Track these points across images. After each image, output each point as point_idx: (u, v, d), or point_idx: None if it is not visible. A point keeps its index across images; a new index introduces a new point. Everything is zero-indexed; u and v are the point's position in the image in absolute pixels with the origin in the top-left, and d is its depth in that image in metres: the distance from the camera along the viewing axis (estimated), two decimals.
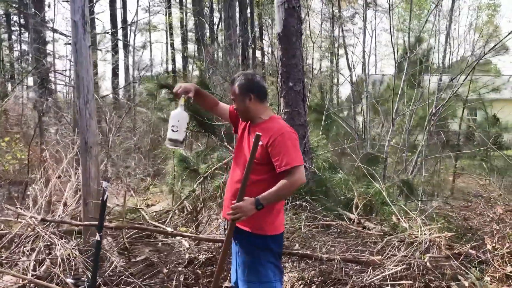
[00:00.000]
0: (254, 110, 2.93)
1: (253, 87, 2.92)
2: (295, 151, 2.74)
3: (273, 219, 2.86)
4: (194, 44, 25.08)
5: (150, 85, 7.00)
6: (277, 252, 2.95)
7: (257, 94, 2.92)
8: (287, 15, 5.10)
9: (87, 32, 4.76)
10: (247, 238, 2.87)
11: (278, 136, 2.74)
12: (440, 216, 5.27)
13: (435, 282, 4.17)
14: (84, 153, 4.75)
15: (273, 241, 2.88)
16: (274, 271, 2.90)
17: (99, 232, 3.63)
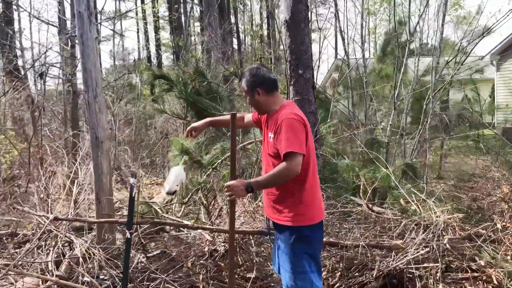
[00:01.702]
0: (265, 103, 2.98)
1: (259, 81, 2.96)
2: (293, 137, 2.70)
3: (304, 210, 2.88)
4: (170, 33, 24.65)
5: (145, 76, 6.84)
6: (314, 243, 2.96)
7: (265, 87, 2.95)
8: (295, 2, 5.04)
9: (93, 24, 4.61)
10: (281, 229, 2.94)
11: (280, 123, 2.77)
12: (448, 198, 5.37)
13: (455, 263, 4.27)
14: (95, 148, 4.63)
15: (309, 231, 2.89)
16: (309, 262, 2.92)
17: (128, 230, 3.57)
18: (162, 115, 9.79)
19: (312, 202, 2.91)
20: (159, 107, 7.29)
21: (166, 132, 8.92)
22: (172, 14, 18.14)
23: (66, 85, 7.76)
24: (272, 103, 2.96)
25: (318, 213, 2.96)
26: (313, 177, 2.93)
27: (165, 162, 9.18)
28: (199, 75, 6.84)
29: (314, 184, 2.93)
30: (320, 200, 3.02)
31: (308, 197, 2.89)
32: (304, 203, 2.88)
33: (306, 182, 2.86)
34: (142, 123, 11.60)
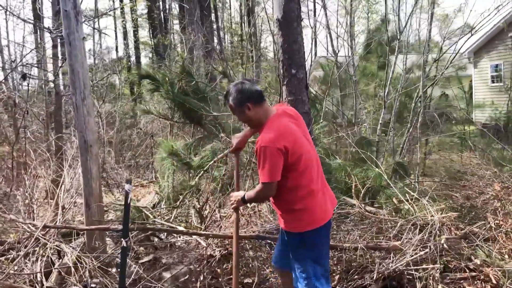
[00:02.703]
0: (256, 116, 2.92)
1: (247, 96, 2.89)
2: (264, 168, 2.75)
3: (300, 216, 2.92)
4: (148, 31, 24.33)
5: (130, 76, 6.67)
6: (316, 247, 2.97)
7: (253, 100, 2.89)
8: (287, 0, 4.95)
9: (80, 23, 4.44)
10: (286, 235, 3.04)
11: (256, 149, 2.81)
12: (441, 197, 5.38)
13: (453, 263, 4.26)
14: (84, 152, 4.46)
15: (309, 236, 2.92)
16: (314, 266, 2.94)
17: (124, 238, 3.44)
18: (146, 116, 9.60)
19: (309, 209, 2.92)
20: (145, 107, 7.12)
21: (152, 133, 8.74)
22: (154, 12, 17.83)
23: (47, 86, 7.53)
24: (262, 116, 2.92)
25: (319, 217, 2.95)
26: (308, 184, 2.91)
27: (150, 164, 9.01)
28: (187, 75, 6.70)
29: (310, 191, 2.91)
30: (320, 204, 2.98)
31: (303, 205, 2.89)
32: (299, 211, 2.91)
33: (298, 191, 2.88)
34: (123, 124, 11.38)
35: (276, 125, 2.83)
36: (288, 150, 2.74)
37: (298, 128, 2.95)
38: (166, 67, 7.24)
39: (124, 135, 10.94)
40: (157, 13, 18.72)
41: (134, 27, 26.26)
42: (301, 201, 2.88)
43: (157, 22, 19.84)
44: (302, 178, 2.85)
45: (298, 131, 2.91)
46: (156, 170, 7.72)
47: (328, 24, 7.60)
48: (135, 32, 26.64)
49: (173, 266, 4.31)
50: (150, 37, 22.08)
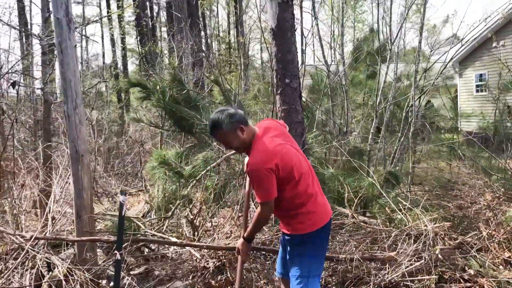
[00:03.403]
0: (247, 138, 2.90)
1: (238, 119, 2.86)
2: (259, 189, 2.81)
3: (301, 220, 2.97)
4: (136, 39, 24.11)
5: (121, 84, 6.59)
6: (315, 248, 3.03)
7: (243, 122, 2.88)
8: (281, 10, 4.95)
9: (72, 31, 4.37)
10: (288, 238, 3.08)
11: (248, 172, 2.84)
12: (433, 206, 5.39)
13: (447, 274, 4.25)
14: (75, 162, 4.37)
15: (307, 237, 2.98)
16: (309, 267, 3.01)
17: (118, 251, 3.36)
18: (135, 124, 9.52)
19: (311, 211, 2.97)
20: (135, 116, 7.04)
21: (141, 141, 8.64)
22: (142, 20, 17.74)
23: (34, 93, 7.40)
24: (250, 137, 2.91)
25: (320, 218, 3.02)
26: (306, 190, 2.95)
27: (139, 172, 8.90)
28: (178, 83, 6.65)
29: (309, 195, 2.96)
30: (320, 205, 3.05)
31: (305, 209, 2.95)
32: (301, 214, 2.96)
33: (297, 198, 2.93)
34: (111, 132, 11.25)
35: (262, 146, 2.85)
36: (278, 167, 2.78)
37: (284, 140, 2.98)
38: (156, 75, 7.16)
39: (112, 143, 10.81)
40: (145, 20, 18.62)
41: (121, 34, 26.09)
42: (302, 206, 2.94)
43: (146, 29, 19.73)
44: (298, 186, 2.89)
45: (284, 144, 2.94)
46: (146, 179, 7.62)
47: (319, 34, 7.61)
48: (122, 39, 26.45)
49: (166, 279, 4.24)
50: (138, 45, 21.92)
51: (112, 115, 12.74)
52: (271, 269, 4.23)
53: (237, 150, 3.01)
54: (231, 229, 4.59)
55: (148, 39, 18.79)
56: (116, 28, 27.62)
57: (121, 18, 23.52)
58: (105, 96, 13.39)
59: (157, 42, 17.89)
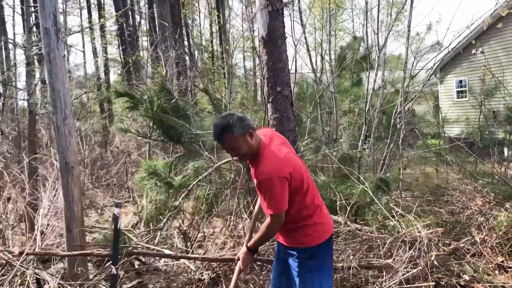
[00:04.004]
0: (255, 144, 2.76)
1: (247, 123, 2.73)
2: (272, 199, 2.66)
3: (309, 232, 2.87)
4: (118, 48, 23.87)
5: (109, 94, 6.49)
6: (323, 260, 2.94)
7: (251, 127, 2.75)
8: (271, 19, 4.92)
9: (61, 40, 4.29)
10: (293, 252, 2.93)
11: (259, 181, 2.65)
12: (425, 212, 5.41)
13: (444, 280, 4.26)
14: (65, 174, 4.27)
15: (316, 250, 2.88)
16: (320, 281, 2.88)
17: (114, 265, 3.27)
18: (120, 134, 9.38)
19: (318, 223, 2.90)
20: (122, 126, 6.92)
21: (128, 152, 8.51)
22: (126, 29, 17.59)
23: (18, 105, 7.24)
24: (257, 143, 2.77)
25: (326, 229, 2.95)
26: (313, 201, 2.89)
27: (125, 183, 8.76)
28: (166, 92, 6.57)
29: (316, 207, 2.90)
30: (325, 216, 2.99)
31: (312, 221, 2.87)
32: (308, 226, 2.86)
33: (305, 210, 2.84)
34: (95, 142, 11.08)
35: (272, 154, 2.73)
36: (291, 175, 2.68)
37: (289, 149, 2.91)
38: (144, 84, 7.08)
39: (96, 154, 10.64)
40: (130, 30, 18.49)
41: (103, 44, 25.81)
42: (310, 217, 2.86)
43: (130, 38, 19.58)
44: (306, 197, 2.82)
45: (291, 153, 2.87)
46: (134, 189, 7.50)
47: (306, 42, 7.64)
48: (104, 49, 26.18)
49: None
50: (120, 55, 21.72)
51: (96, 126, 12.56)
52: (267, 280, 4.17)
53: (243, 158, 2.78)
54: (226, 240, 4.51)
55: (131, 49, 18.63)
56: (98, 38, 27.35)
57: (103, 28, 23.31)
58: (88, 106, 13.21)
59: (140, 52, 17.76)
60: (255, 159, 2.74)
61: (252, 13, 23.66)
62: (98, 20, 25.20)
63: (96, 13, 26.84)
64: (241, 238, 4.49)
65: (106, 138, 11.86)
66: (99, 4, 26.04)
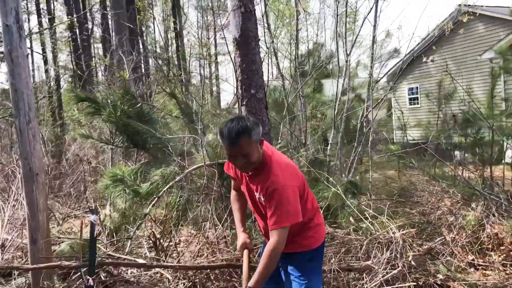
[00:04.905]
0: (262, 154, 2.59)
1: (260, 131, 2.55)
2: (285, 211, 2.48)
3: (311, 234, 2.82)
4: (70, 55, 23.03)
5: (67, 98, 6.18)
6: (321, 260, 2.98)
7: (262, 136, 2.60)
8: (244, 20, 4.86)
9: (24, 39, 4.03)
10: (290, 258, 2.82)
11: (271, 192, 2.48)
12: (397, 214, 5.46)
13: (422, 280, 4.29)
14: (29, 181, 3.99)
15: (315, 251, 2.85)
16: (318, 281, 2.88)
17: (91, 276, 3.05)
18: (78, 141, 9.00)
19: (318, 224, 2.88)
20: (84, 132, 6.61)
21: (87, 160, 8.14)
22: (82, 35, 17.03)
23: None
24: (262, 152, 2.59)
25: (323, 230, 2.96)
26: (313, 207, 2.85)
27: (84, 192, 8.36)
28: (130, 97, 6.33)
29: (314, 212, 2.86)
30: (322, 219, 2.98)
31: (313, 223, 2.84)
32: (309, 229, 2.81)
33: (306, 214, 2.75)
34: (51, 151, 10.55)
35: (283, 162, 2.62)
36: (300, 184, 2.63)
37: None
38: (108, 89, 6.80)
39: (52, 162, 10.13)
40: (86, 35, 17.92)
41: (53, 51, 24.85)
42: (311, 221, 2.81)
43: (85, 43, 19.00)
44: (307, 202, 2.77)
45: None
46: (94, 199, 7.17)
47: (274, 49, 7.63)
48: (55, 56, 25.22)
49: None
50: (72, 61, 21.00)
51: (48, 134, 12.01)
52: None
53: (250, 166, 2.54)
54: (201, 247, 4.36)
55: (85, 56, 18.09)
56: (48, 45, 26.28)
57: (53, 33, 22.44)
58: (41, 114, 12.63)
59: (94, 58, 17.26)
60: (260, 169, 2.57)
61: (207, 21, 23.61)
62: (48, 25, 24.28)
63: (46, 18, 25.83)
64: (217, 245, 4.35)
65: (60, 147, 11.33)
66: (49, 10, 25.09)
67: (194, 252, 4.27)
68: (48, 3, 22.61)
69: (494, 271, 4.65)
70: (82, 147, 9.01)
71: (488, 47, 14.32)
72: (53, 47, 22.51)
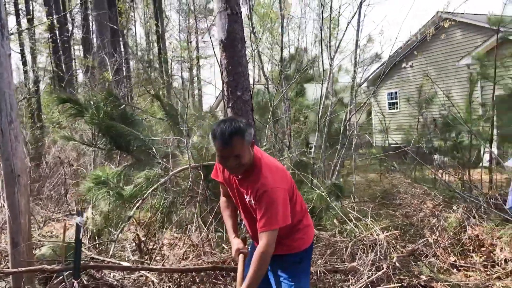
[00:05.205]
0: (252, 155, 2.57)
1: (252, 133, 2.53)
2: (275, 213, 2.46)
3: (300, 236, 2.81)
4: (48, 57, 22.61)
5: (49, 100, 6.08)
6: (309, 261, 2.97)
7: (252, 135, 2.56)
8: (230, 22, 4.85)
9: (6, 38, 3.95)
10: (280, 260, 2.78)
11: (261, 194, 2.47)
12: (380, 216, 5.52)
13: (406, 281, 4.33)
14: (10, 183, 3.91)
15: (304, 253, 2.84)
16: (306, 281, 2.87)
17: (76, 279, 3.00)
18: (58, 143, 8.86)
19: (307, 225, 2.87)
20: (66, 134, 6.50)
21: (69, 162, 8.00)
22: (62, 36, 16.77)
23: None
24: (253, 154, 2.58)
25: (312, 231, 2.94)
26: (301, 208, 2.84)
27: (64, 195, 8.22)
28: (114, 98, 6.26)
29: (303, 214, 2.85)
30: (310, 220, 2.96)
31: (303, 224, 2.82)
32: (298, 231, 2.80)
33: (296, 216, 2.74)
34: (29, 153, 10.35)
35: (273, 165, 2.61)
36: (289, 187, 2.63)
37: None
38: (92, 90, 6.71)
39: (31, 165, 9.93)
40: (66, 36, 17.66)
41: (32, 52, 24.38)
42: (300, 222, 2.80)
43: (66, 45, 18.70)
44: (296, 205, 2.76)
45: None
46: (77, 201, 7.05)
47: (259, 53, 7.64)
48: (34, 57, 24.77)
49: None
50: (51, 63, 20.65)
51: (28, 137, 11.79)
52: None
53: (241, 168, 2.51)
54: (187, 250, 4.32)
55: (65, 57, 17.83)
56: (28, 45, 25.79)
57: (33, 34, 22.04)
58: (20, 115, 12.37)
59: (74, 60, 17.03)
60: (250, 172, 2.55)
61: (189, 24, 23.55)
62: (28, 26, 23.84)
63: (25, 19, 25.35)
64: (203, 247, 4.32)
65: (40, 149, 11.13)
66: (28, 11, 24.61)
67: (179, 255, 4.23)
68: (27, 4, 22.18)
69: (475, 272, 4.73)
70: (63, 149, 8.85)
71: (466, 53, 14.59)
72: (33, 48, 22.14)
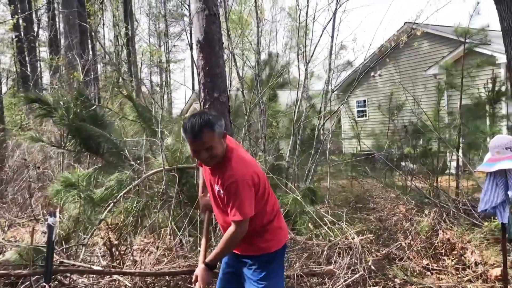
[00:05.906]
0: (224, 147, 2.59)
1: (223, 124, 2.56)
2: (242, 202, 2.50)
3: (269, 237, 2.78)
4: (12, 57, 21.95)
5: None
6: (282, 263, 2.92)
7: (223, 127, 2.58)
8: (208, 22, 4.79)
9: None
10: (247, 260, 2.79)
11: (228, 185, 2.50)
12: (354, 220, 5.55)
13: (381, 284, 4.36)
14: None
15: (274, 254, 2.79)
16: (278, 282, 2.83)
17: (47, 283, 2.86)
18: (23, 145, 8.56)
19: (278, 227, 2.82)
20: (33, 135, 6.27)
21: (35, 165, 7.72)
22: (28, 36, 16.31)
23: None
24: (225, 146, 2.60)
25: (284, 234, 2.89)
26: (273, 209, 2.79)
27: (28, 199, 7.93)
28: (85, 99, 6.09)
29: (276, 211, 2.82)
30: (283, 223, 2.92)
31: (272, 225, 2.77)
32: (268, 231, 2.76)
33: (266, 215, 2.73)
34: None
35: (240, 157, 2.61)
36: (259, 180, 2.60)
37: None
38: (61, 88, 6.51)
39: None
40: (32, 35, 17.18)
41: None
42: (270, 223, 2.76)
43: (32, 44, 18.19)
44: (268, 202, 2.73)
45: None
46: (43, 205, 6.81)
47: (234, 55, 7.61)
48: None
49: None
50: (15, 64, 20.05)
51: None
52: None
53: (214, 160, 2.54)
54: (160, 253, 4.22)
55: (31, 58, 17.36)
56: None
57: None
58: None
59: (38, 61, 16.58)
60: (221, 163, 2.56)
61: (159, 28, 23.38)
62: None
63: None
64: (178, 250, 4.23)
65: (2, 152, 10.72)
66: None
67: (153, 259, 4.11)
68: None
69: (447, 275, 4.80)
70: (29, 152, 8.55)
71: (434, 63, 14.99)
72: None
